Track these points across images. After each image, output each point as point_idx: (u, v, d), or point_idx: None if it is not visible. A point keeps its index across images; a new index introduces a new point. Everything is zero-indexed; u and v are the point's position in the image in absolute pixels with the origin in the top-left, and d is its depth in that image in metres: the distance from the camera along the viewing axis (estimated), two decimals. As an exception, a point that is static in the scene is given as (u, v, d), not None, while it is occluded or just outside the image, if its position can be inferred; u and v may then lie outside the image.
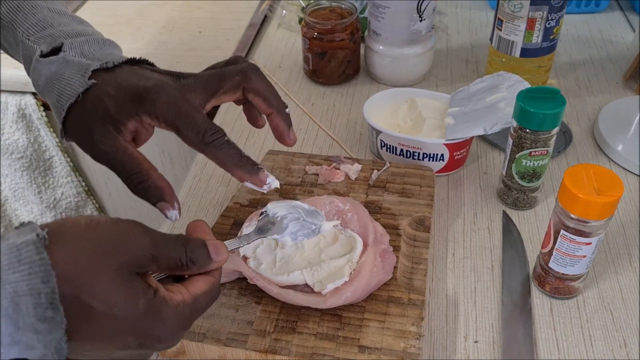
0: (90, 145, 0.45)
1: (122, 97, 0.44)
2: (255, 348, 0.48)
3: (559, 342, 0.52)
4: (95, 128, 0.44)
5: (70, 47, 0.47)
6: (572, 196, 0.47)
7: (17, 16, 0.50)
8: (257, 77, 0.49)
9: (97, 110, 0.44)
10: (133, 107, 0.44)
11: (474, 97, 0.68)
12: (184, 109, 0.44)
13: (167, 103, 0.44)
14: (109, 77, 0.46)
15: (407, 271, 0.54)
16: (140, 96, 0.44)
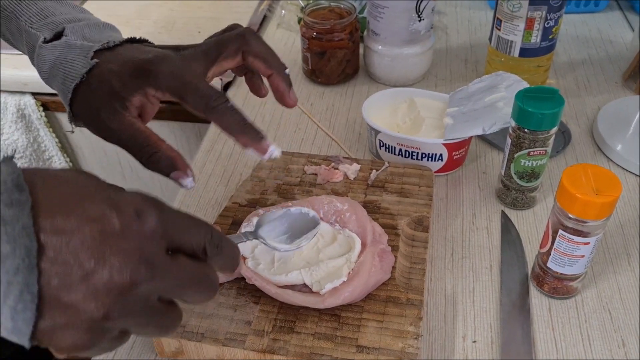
0: (99, 124, 0.46)
1: (126, 72, 0.45)
2: (254, 348, 0.48)
3: (558, 342, 0.52)
4: (102, 106, 0.45)
5: (72, 31, 0.49)
6: (571, 196, 0.47)
7: (20, 5, 0.51)
8: (255, 40, 0.49)
9: (102, 88, 0.45)
10: (137, 81, 0.45)
11: (472, 97, 0.68)
12: (187, 77, 0.45)
13: (170, 73, 0.45)
14: (111, 56, 0.47)
15: (406, 271, 0.54)
16: (143, 69, 0.45)
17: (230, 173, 0.71)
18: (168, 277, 0.32)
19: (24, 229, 0.28)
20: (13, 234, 0.27)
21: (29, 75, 0.92)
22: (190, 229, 0.34)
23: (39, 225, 0.28)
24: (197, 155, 0.74)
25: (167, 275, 0.32)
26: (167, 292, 0.33)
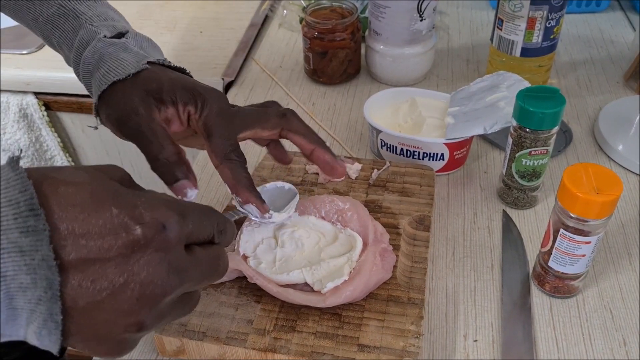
0: (125, 112, 0.46)
1: (179, 84, 0.47)
2: (255, 347, 0.48)
3: (559, 341, 0.52)
4: (138, 96, 0.46)
5: (134, 38, 0.51)
6: (572, 195, 0.47)
7: (82, 5, 0.52)
8: (296, 119, 0.52)
9: (149, 83, 0.47)
10: (185, 95, 0.47)
11: (474, 97, 0.68)
12: (225, 124, 0.47)
13: (215, 112, 0.47)
14: (163, 70, 0.49)
15: (407, 270, 0.54)
16: (196, 90, 0.48)
17: (232, 172, 0.71)
18: (193, 275, 0.32)
19: (45, 261, 0.27)
20: (33, 264, 0.26)
21: (32, 75, 0.92)
22: (202, 222, 0.34)
23: (58, 245, 0.27)
24: (199, 155, 0.75)
25: (192, 275, 0.32)
26: (192, 288, 0.34)
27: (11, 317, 0.27)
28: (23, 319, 0.27)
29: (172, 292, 0.31)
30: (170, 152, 0.45)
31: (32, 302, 0.27)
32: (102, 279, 0.28)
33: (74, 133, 1.02)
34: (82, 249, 0.28)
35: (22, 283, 0.26)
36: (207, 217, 0.35)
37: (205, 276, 0.34)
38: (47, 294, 0.27)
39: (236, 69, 0.89)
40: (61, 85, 0.92)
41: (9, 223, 0.26)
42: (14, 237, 0.26)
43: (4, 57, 0.95)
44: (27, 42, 0.98)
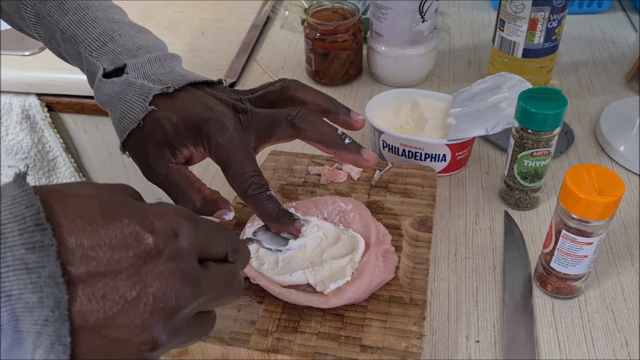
0: (146, 166, 0.48)
1: (182, 125, 0.46)
2: (258, 347, 0.48)
3: (561, 342, 0.52)
4: (151, 150, 0.47)
5: (133, 68, 0.49)
6: (574, 196, 0.47)
7: (79, 30, 0.51)
8: (308, 126, 0.49)
9: (156, 133, 0.47)
10: (191, 137, 0.47)
11: (476, 98, 0.68)
12: (236, 157, 0.46)
13: (222, 147, 0.46)
14: (169, 103, 0.48)
15: (409, 271, 0.54)
16: (199, 131, 0.46)
17: (234, 173, 0.71)
18: (208, 290, 0.31)
19: (52, 278, 0.25)
20: (39, 282, 0.25)
21: (34, 76, 0.93)
22: (216, 236, 0.33)
23: (66, 260, 0.26)
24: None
25: (207, 288, 0.31)
26: (207, 305, 0.32)
27: (16, 341, 0.25)
28: (29, 344, 0.26)
29: (187, 305, 0.29)
30: (196, 200, 0.48)
31: (38, 324, 0.25)
32: (113, 293, 0.27)
33: (76, 134, 1.02)
34: (91, 261, 0.27)
35: (28, 303, 0.25)
36: (219, 233, 0.34)
37: (220, 293, 0.33)
38: (54, 313, 0.25)
39: (238, 70, 0.90)
40: (63, 86, 0.93)
41: (15, 239, 0.25)
42: (20, 253, 0.25)
43: (7, 58, 0.95)
44: (30, 44, 0.98)
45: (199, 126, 0.46)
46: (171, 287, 0.28)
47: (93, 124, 0.99)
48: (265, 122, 0.49)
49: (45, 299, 0.25)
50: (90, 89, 0.53)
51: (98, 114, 0.96)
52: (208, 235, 0.33)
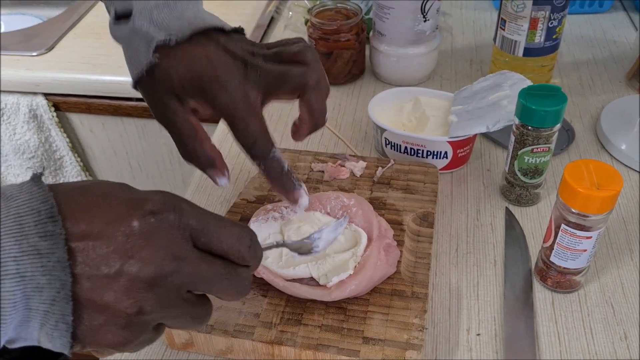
0: (155, 107, 0.48)
1: (187, 81, 0.46)
2: (262, 339, 0.49)
3: (561, 335, 0.52)
4: (161, 95, 0.47)
5: (140, 12, 0.47)
6: (572, 190, 0.48)
7: None
8: (314, 94, 0.50)
9: (164, 82, 0.47)
10: (196, 92, 0.46)
11: (477, 96, 0.69)
12: (241, 112, 0.46)
13: (228, 103, 0.46)
14: (177, 54, 0.46)
15: (411, 265, 0.55)
16: (204, 87, 0.46)
17: (239, 171, 0.72)
18: (195, 269, 0.33)
19: (59, 262, 0.29)
20: (49, 265, 0.29)
21: (41, 76, 0.94)
22: (219, 229, 0.34)
23: (68, 233, 0.30)
24: (206, 154, 0.76)
25: (193, 267, 0.33)
26: (195, 284, 0.33)
27: (26, 319, 0.29)
28: (37, 321, 0.29)
29: (168, 276, 0.31)
30: (196, 141, 0.47)
31: (46, 303, 0.29)
32: (103, 263, 0.30)
33: (83, 133, 1.03)
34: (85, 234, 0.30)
35: (39, 284, 0.28)
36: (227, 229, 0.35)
37: (211, 280, 0.34)
38: (59, 293, 0.29)
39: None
40: (70, 86, 0.94)
41: (30, 229, 0.29)
42: (34, 241, 0.29)
43: (14, 58, 0.97)
44: (37, 44, 0.99)
45: (202, 84, 0.46)
46: (152, 259, 0.31)
47: (99, 124, 1.00)
48: (275, 78, 0.48)
49: (53, 280, 0.29)
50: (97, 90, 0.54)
51: (104, 113, 0.97)
52: (204, 225, 0.34)
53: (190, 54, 0.46)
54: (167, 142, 1.01)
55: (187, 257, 0.32)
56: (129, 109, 0.96)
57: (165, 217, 0.32)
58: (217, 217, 0.35)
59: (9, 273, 0.28)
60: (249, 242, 0.35)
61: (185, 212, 0.33)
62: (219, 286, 0.35)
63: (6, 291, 0.28)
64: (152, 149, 1.03)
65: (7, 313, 0.28)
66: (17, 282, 0.28)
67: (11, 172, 1.06)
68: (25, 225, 0.29)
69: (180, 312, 0.34)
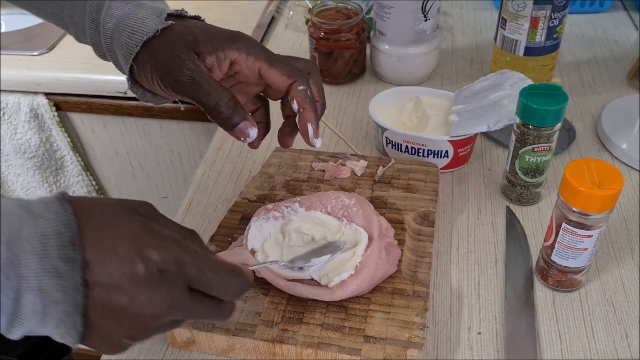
0: (174, 69, 0.47)
1: (211, 34, 0.49)
2: (263, 338, 0.49)
3: (562, 333, 0.53)
4: (181, 51, 0.47)
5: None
6: (573, 189, 0.48)
7: None
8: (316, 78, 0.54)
9: (185, 37, 0.48)
10: (224, 42, 0.48)
11: (477, 95, 0.69)
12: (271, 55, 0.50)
13: (257, 44, 0.50)
14: (188, 22, 0.50)
15: (412, 264, 0.55)
16: (232, 34, 0.49)
17: (240, 170, 0.72)
18: (186, 310, 0.37)
19: (75, 285, 0.33)
20: (65, 285, 0.33)
21: (42, 76, 0.94)
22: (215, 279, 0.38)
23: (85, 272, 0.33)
24: (207, 154, 0.76)
25: (186, 309, 0.37)
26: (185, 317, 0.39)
27: (42, 322, 0.33)
28: (52, 325, 0.34)
29: (161, 317, 0.36)
30: (228, 97, 0.47)
31: (61, 314, 0.33)
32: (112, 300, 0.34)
33: (84, 133, 1.03)
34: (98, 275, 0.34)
35: (56, 299, 0.32)
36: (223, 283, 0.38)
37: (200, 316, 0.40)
38: (73, 309, 0.33)
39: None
40: (71, 85, 0.94)
41: (54, 251, 0.32)
42: (56, 263, 0.32)
43: (16, 58, 0.97)
44: (38, 44, 0.99)
45: (231, 33, 0.49)
46: (148, 303, 0.35)
47: (100, 123, 1.00)
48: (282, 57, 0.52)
49: (68, 298, 0.33)
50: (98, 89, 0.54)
51: (105, 113, 0.97)
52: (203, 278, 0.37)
53: (199, 23, 0.51)
54: (168, 142, 1.01)
55: (181, 303, 0.37)
56: (130, 108, 0.96)
57: (167, 272, 0.36)
58: (214, 265, 0.38)
59: (31, 287, 0.32)
60: (238, 291, 0.39)
61: (186, 265, 0.36)
62: (205, 317, 0.41)
63: (29, 302, 0.32)
64: (153, 148, 1.03)
65: (27, 318, 0.32)
66: (37, 295, 0.32)
67: (12, 171, 1.06)
68: (49, 246, 0.32)
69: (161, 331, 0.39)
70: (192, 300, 0.37)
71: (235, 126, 0.48)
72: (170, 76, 0.47)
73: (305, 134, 0.51)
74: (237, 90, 0.54)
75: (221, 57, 0.48)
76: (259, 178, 0.66)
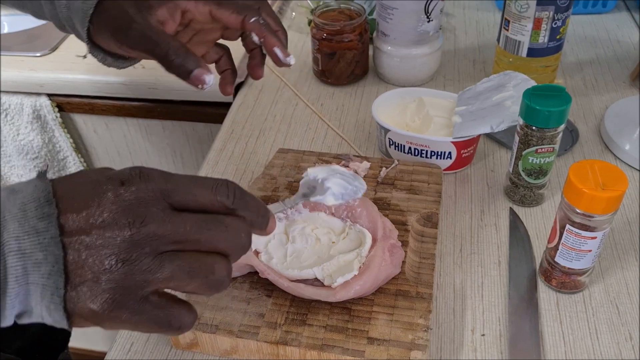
0: (125, 29, 0.49)
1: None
2: (267, 339, 0.49)
3: (565, 335, 0.52)
4: (130, 9, 0.49)
5: None
6: (577, 191, 0.48)
7: None
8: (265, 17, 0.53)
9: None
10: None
11: (480, 96, 0.69)
12: None
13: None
14: None
15: (415, 266, 0.55)
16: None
17: (243, 171, 0.72)
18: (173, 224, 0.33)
19: (53, 239, 0.32)
20: (45, 242, 0.32)
21: (45, 77, 0.94)
22: (191, 185, 0.35)
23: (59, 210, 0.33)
24: (210, 155, 0.76)
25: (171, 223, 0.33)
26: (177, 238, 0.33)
27: (27, 293, 0.32)
28: (38, 295, 0.32)
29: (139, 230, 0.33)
30: (177, 45, 0.48)
31: (44, 277, 0.32)
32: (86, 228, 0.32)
33: (86, 134, 1.03)
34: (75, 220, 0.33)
35: (37, 259, 0.31)
36: (199, 185, 0.35)
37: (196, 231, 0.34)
38: (54, 268, 0.32)
39: (245, 71, 0.91)
40: (74, 86, 0.94)
41: (32, 213, 0.32)
42: (34, 222, 0.32)
43: (18, 59, 0.97)
44: (41, 44, 0.99)
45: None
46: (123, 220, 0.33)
47: (103, 124, 1.01)
48: None
49: (48, 255, 0.32)
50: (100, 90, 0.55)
51: (108, 114, 0.97)
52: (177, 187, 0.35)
53: None
54: (170, 143, 1.01)
55: (160, 216, 0.33)
56: (133, 109, 0.96)
57: (135, 185, 0.34)
58: (191, 177, 0.36)
59: (12, 250, 0.31)
60: (226, 191, 0.35)
61: (153, 177, 0.34)
62: (207, 235, 0.34)
63: (10, 266, 0.31)
64: (155, 149, 1.03)
65: (11, 287, 0.31)
66: (19, 258, 0.31)
67: (14, 172, 1.06)
68: (28, 210, 0.32)
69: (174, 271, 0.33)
70: (177, 214, 0.34)
71: (189, 73, 0.48)
72: (121, 32, 0.49)
73: (276, 57, 0.53)
74: (196, 41, 0.57)
75: (172, 7, 0.51)
76: (261, 179, 0.66)
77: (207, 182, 0.36)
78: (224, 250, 0.35)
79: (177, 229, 0.33)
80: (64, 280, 0.32)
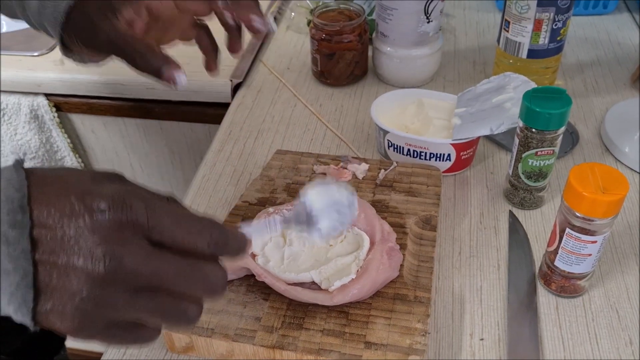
0: (94, 35, 0.50)
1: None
2: (263, 344, 0.48)
3: (565, 340, 0.52)
4: (96, 15, 0.49)
5: None
6: (578, 194, 0.48)
7: None
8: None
9: (97, 2, 0.50)
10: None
11: (480, 98, 0.69)
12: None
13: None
14: None
15: (414, 269, 0.54)
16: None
17: (240, 173, 0.72)
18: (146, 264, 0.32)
19: (23, 253, 0.30)
20: (15, 254, 0.30)
21: (43, 77, 0.93)
22: (173, 226, 0.33)
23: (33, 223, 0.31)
24: (208, 156, 0.75)
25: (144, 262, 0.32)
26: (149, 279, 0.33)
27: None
28: (5, 301, 0.31)
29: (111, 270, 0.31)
30: (142, 47, 0.48)
31: (12, 286, 0.31)
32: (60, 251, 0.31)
33: (84, 134, 1.03)
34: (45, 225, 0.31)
35: (7, 269, 0.30)
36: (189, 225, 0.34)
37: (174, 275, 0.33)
38: (23, 280, 0.31)
39: (244, 71, 0.90)
40: (72, 86, 0.93)
41: (4, 217, 0.30)
42: (4, 229, 0.30)
43: (16, 59, 0.96)
44: (39, 44, 0.99)
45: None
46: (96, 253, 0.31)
47: (101, 124, 1.00)
48: None
49: (17, 268, 0.30)
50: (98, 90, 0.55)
51: (106, 114, 0.97)
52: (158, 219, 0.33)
53: None
54: (168, 143, 1.00)
55: (139, 254, 0.32)
56: (131, 109, 0.95)
57: (117, 213, 0.32)
58: (175, 214, 0.34)
59: None
60: (208, 238, 0.34)
61: (136, 208, 0.32)
62: (185, 284, 0.34)
63: None
64: (153, 149, 1.02)
65: None
66: None
67: (12, 172, 1.06)
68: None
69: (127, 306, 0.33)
70: (153, 252, 0.32)
71: (159, 71, 0.48)
72: (90, 41, 0.50)
73: (254, 28, 0.54)
74: (172, 35, 0.58)
75: (136, 7, 0.51)
76: (259, 181, 0.65)
77: (191, 224, 0.34)
78: (200, 297, 0.35)
79: (155, 272, 0.32)
80: (32, 294, 0.31)
